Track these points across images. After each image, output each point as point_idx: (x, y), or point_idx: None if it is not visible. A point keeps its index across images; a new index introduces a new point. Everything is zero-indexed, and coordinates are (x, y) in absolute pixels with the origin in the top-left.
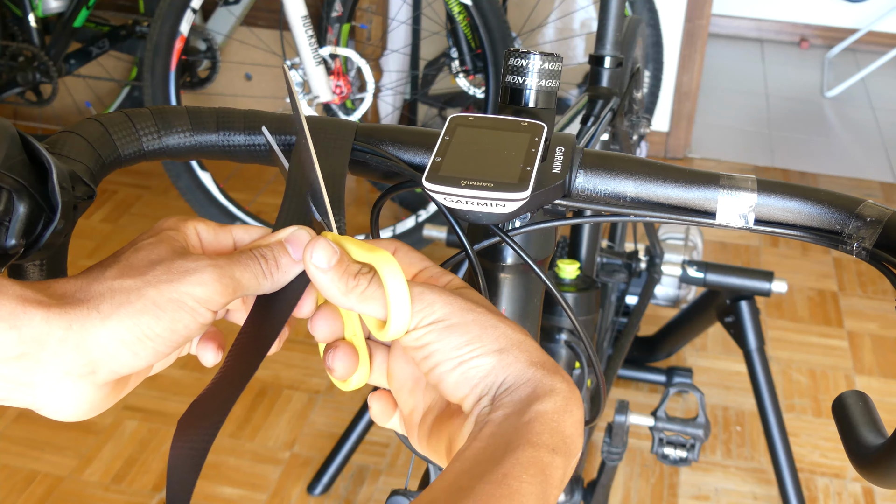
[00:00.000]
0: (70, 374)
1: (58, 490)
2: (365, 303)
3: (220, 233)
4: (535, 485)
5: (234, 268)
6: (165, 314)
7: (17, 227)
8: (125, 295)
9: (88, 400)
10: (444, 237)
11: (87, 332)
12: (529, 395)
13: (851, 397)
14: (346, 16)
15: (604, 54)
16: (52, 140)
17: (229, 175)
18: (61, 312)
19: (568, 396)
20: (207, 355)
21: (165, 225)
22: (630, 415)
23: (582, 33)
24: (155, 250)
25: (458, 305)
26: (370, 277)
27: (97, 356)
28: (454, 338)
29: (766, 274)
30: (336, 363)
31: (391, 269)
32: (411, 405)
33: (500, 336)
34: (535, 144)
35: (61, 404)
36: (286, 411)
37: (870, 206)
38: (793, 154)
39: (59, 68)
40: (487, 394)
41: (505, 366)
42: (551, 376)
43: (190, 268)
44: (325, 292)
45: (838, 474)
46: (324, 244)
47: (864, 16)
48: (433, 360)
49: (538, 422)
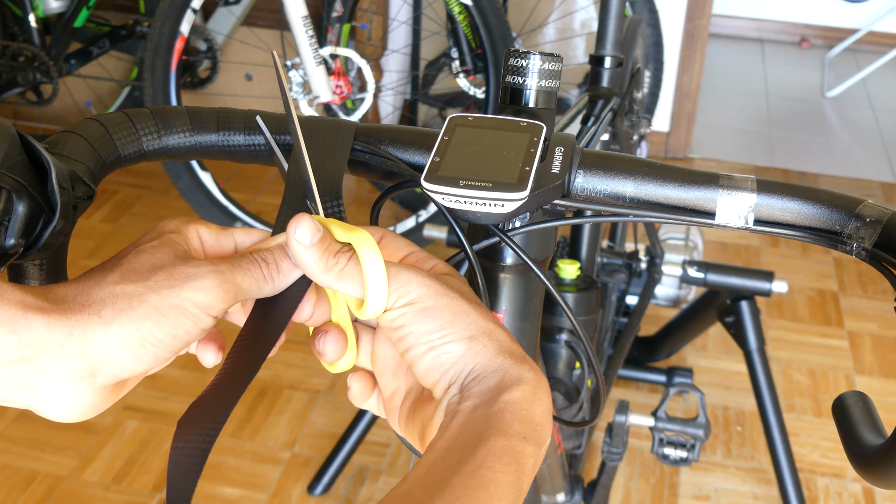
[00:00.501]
0: (71, 377)
1: (58, 490)
2: (343, 281)
3: (222, 236)
4: (508, 473)
5: (235, 273)
6: (167, 320)
7: (16, 226)
8: (127, 300)
9: (88, 402)
10: (445, 237)
11: (89, 337)
12: (498, 385)
13: (851, 397)
14: (346, 16)
15: (604, 54)
16: (53, 140)
17: (229, 175)
18: (62, 318)
19: (536, 385)
20: (208, 356)
21: (167, 227)
22: (630, 415)
23: (582, 33)
24: (157, 254)
25: (433, 289)
26: (349, 256)
27: (98, 360)
28: (427, 322)
29: (766, 274)
30: (327, 346)
31: (369, 248)
32: (393, 387)
33: (470, 323)
34: (535, 144)
35: (61, 406)
36: (286, 411)
37: (869, 206)
38: (793, 154)
39: (60, 68)
40: (456, 381)
41: (474, 354)
42: (519, 365)
43: (192, 273)
44: (306, 269)
45: (838, 474)
46: (308, 221)
47: (864, 16)
48: (407, 343)
49: (508, 411)
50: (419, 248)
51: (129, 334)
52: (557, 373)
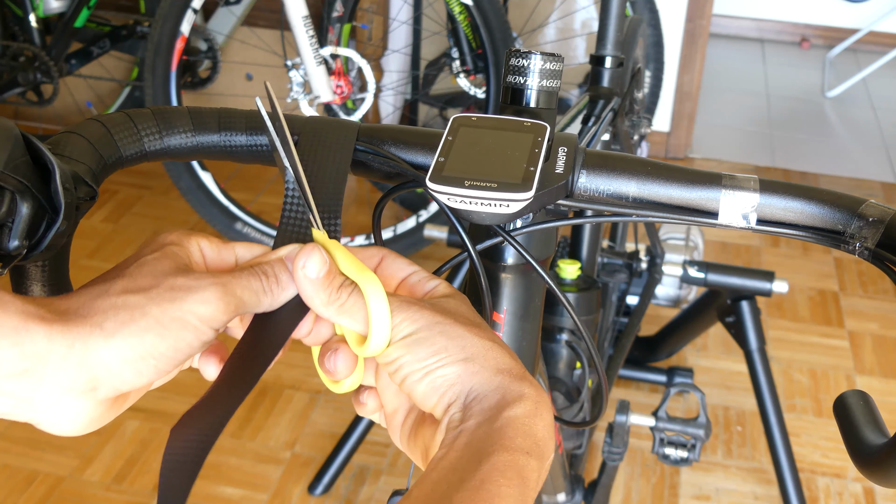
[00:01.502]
0: (71, 390)
1: (59, 490)
2: (343, 315)
3: (223, 249)
4: (513, 487)
5: (236, 285)
6: (170, 333)
7: (20, 228)
8: (129, 312)
9: (88, 416)
10: (446, 237)
11: (90, 349)
12: (499, 402)
13: (853, 397)
14: (346, 16)
15: (605, 54)
16: (54, 141)
17: (230, 175)
18: (64, 329)
19: (537, 400)
20: (209, 369)
21: (168, 239)
22: (631, 415)
23: (583, 33)
24: (159, 266)
25: (427, 319)
26: (350, 291)
27: (99, 373)
28: (421, 350)
29: (766, 274)
30: (338, 364)
31: (375, 292)
32: (395, 405)
33: (466, 345)
34: (539, 145)
35: (61, 420)
36: (287, 411)
37: (872, 205)
38: (794, 154)
39: (60, 68)
40: (456, 402)
41: (471, 374)
42: (519, 382)
43: (193, 286)
44: (309, 301)
45: (839, 474)
46: (317, 256)
47: (864, 16)
48: (402, 373)
49: (510, 427)
50: (419, 269)
51: (131, 347)
52: (558, 373)
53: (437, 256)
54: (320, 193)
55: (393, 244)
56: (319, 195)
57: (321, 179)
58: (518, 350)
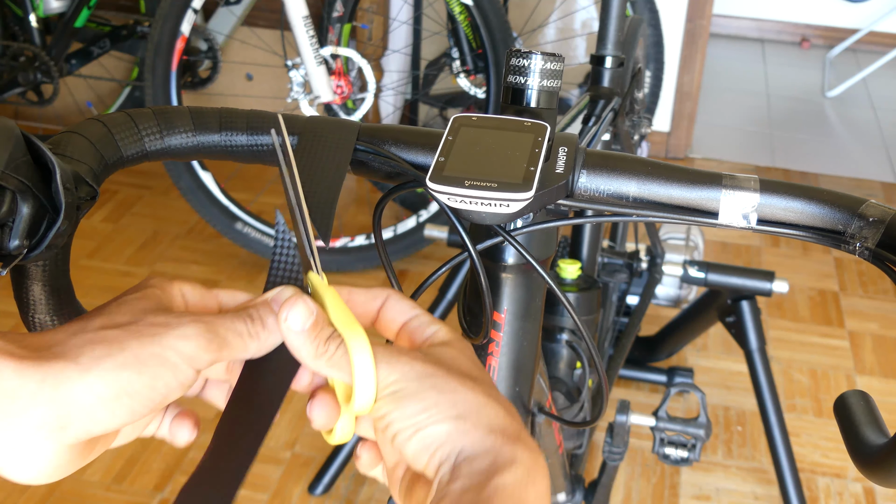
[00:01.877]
0: (40, 429)
1: (58, 490)
2: (333, 368)
3: (206, 295)
4: None
5: (219, 325)
6: (147, 369)
7: (20, 228)
8: (106, 347)
9: (54, 461)
10: (446, 237)
11: (63, 385)
12: (489, 467)
13: (853, 397)
14: (347, 16)
15: (605, 54)
16: (55, 140)
17: (230, 175)
18: (35, 365)
19: (530, 466)
20: (182, 432)
21: (150, 283)
22: (631, 415)
23: (583, 33)
24: (139, 304)
25: (417, 371)
26: (339, 343)
27: (71, 411)
28: (409, 406)
29: (767, 274)
30: (314, 414)
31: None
32: (394, 459)
33: (458, 401)
34: (539, 145)
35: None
36: (287, 411)
37: (872, 205)
38: (794, 154)
39: (61, 68)
40: (446, 462)
41: (462, 433)
42: (512, 444)
43: (174, 322)
44: (296, 353)
45: (839, 474)
46: (301, 307)
47: (864, 16)
48: (392, 430)
49: (498, 498)
50: (422, 312)
51: (107, 384)
52: (558, 373)
53: (438, 256)
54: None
55: (393, 244)
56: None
57: (320, 179)
58: (518, 350)
